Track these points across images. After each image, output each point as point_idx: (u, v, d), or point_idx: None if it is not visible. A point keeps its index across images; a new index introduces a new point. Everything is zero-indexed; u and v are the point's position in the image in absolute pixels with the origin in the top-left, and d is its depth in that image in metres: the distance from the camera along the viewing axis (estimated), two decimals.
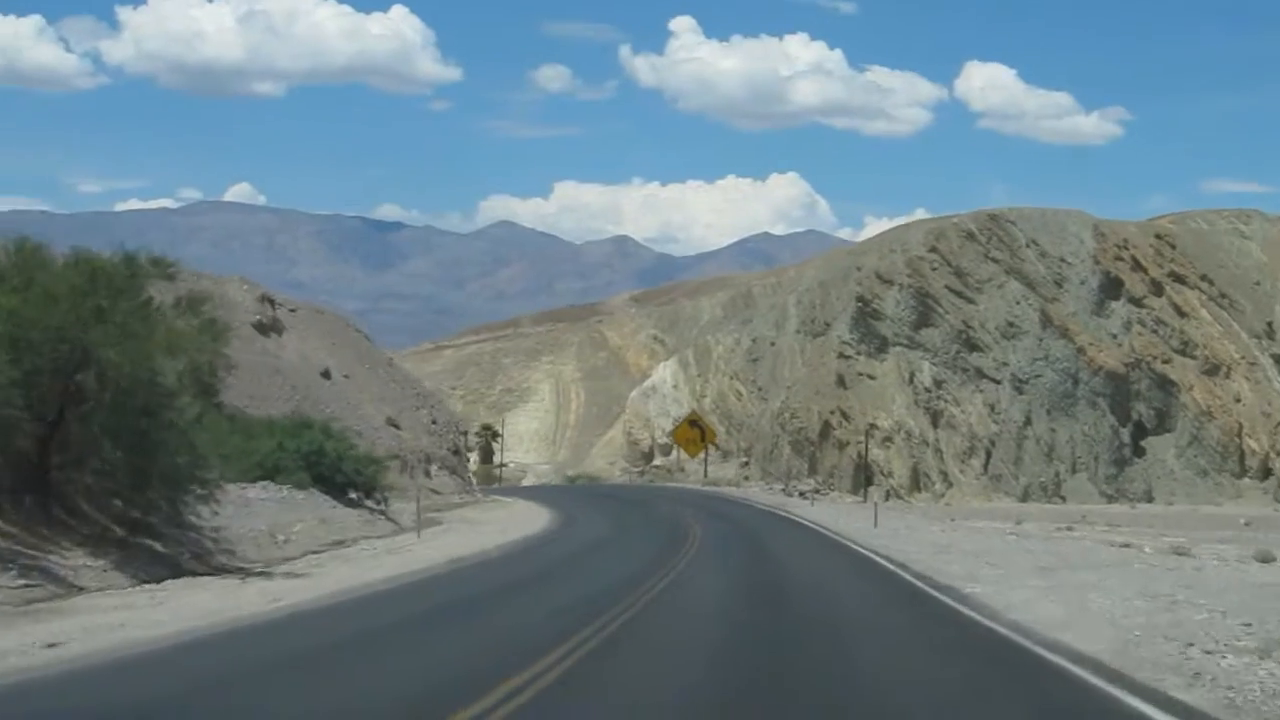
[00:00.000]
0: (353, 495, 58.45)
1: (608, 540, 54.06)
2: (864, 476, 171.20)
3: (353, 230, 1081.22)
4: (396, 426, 76.34)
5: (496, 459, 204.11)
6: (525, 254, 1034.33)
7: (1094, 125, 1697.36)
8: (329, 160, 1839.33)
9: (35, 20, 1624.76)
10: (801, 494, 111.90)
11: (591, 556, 45.74)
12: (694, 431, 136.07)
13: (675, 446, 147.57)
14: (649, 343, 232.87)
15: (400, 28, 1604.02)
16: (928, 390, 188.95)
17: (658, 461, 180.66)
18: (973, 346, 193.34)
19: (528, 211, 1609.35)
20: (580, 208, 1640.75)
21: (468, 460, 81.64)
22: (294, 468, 54.65)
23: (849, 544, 53.55)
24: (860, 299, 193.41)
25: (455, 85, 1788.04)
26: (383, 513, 60.25)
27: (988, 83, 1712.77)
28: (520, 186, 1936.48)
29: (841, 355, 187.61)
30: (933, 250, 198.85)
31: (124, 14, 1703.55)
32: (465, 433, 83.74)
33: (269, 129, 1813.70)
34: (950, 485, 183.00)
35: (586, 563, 43.28)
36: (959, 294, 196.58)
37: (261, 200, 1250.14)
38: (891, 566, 41.79)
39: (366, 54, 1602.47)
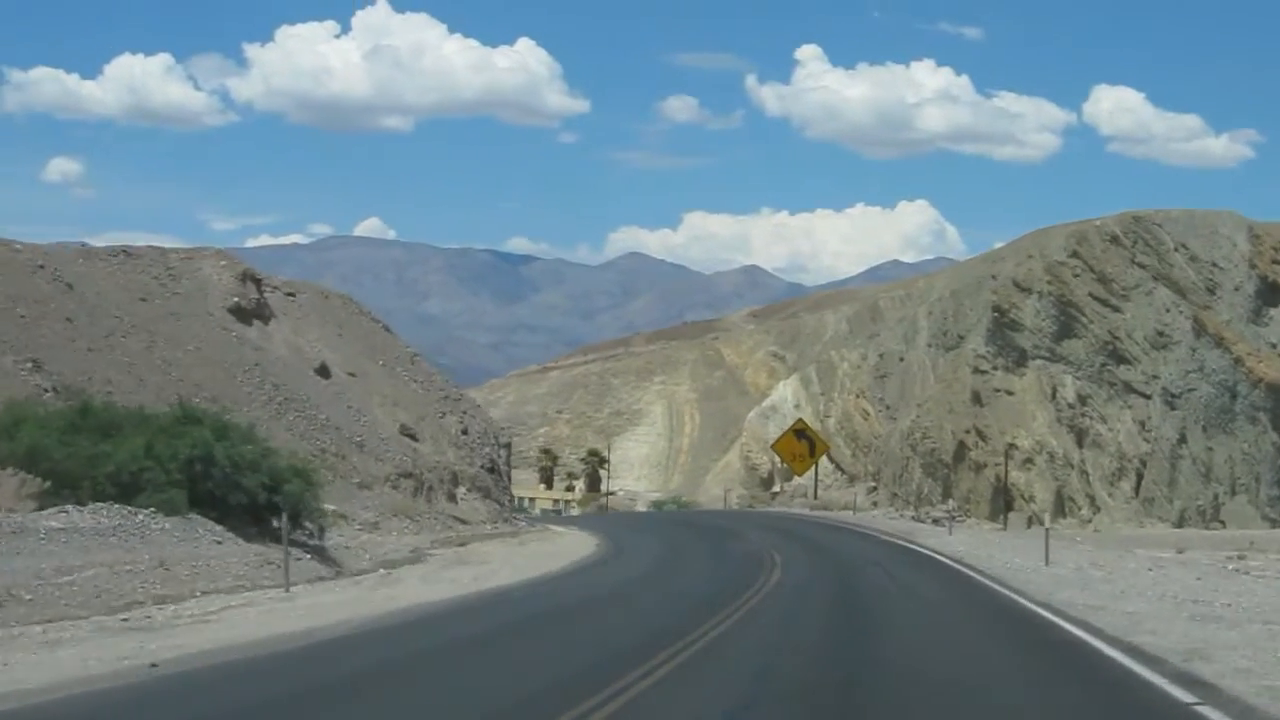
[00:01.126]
0: (277, 523, 39.85)
1: (629, 591, 38.84)
2: (1003, 501, 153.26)
3: (483, 263, 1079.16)
4: (413, 437, 59.34)
5: (605, 487, 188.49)
6: (655, 285, 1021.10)
7: (1224, 147, 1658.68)
8: (458, 194, 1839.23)
9: (164, 59, 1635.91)
10: (935, 520, 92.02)
11: (564, 624, 30.07)
12: (800, 444, 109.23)
13: (781, 463, 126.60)
14: (768, 360, 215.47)
15: (527, 60, 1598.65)
16: (1071, 406, 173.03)
17: (777, 487, 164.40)
18: (1120, 358, 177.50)
19: (657, 242, 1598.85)
20: (709, 238, 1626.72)
21: (505, 480, 63.33)
22: (164, 482, 37.18)
23: (1029, 604, 34.02)
24: (996, 309, 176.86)
25: (583, 117, 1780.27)
26: (317, 549, 42.25)
27: (1116, 106, 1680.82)
28: (649, 217, 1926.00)
29: (977, 370, 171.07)
30: (1074, 255, 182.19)
31: (251, 51, 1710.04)
32: (507, 445, 65.68)
33: (398, 163, 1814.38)
34: (1097, 510, 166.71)
35: (549, 634, 27.82)
36: (1103, 302, 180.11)
37: (391, 234, 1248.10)
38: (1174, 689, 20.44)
39: (494, 87, 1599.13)
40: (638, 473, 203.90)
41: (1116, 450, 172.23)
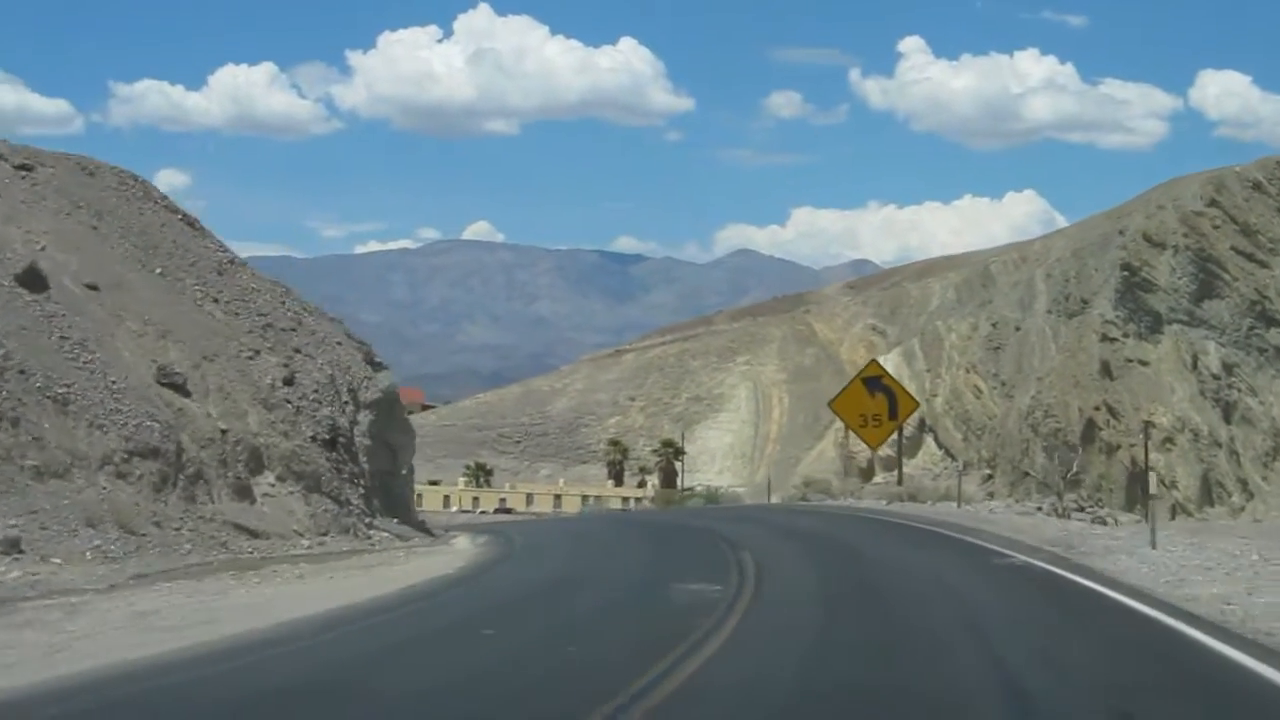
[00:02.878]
0: None
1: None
2: (1141, 488, 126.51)
3: (592, 264, 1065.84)
4: (178, 388, 33.32)
5: (681, 481, 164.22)
6: (764, 281, 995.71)
7: None
8: (565, 195, 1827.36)
9: (267, 68, 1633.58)
10: (1097, 519, 57.17)
11: None
12: (874, 400, 68.53)
13: (848, 432, 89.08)
14: (866, 334, 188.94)
15: (630, 60, 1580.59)
16: (1216, 377, 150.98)
17: (879, 478, 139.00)
18: (1270, 321, 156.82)
19: (765, 239, 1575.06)
20: (818, 233, 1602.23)
21: (361, 466, 36.59)
22: None
23: None
24: (1125, 268, 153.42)
25: (688, 115, 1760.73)
26: None
27: (1223, 90, 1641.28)
28: (757, 214, 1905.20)
29: (1105, 338, 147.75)
30: (1212, 204, 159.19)
31: (354, 59, 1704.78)
32: (387, 402, 38.57)
33: (504, 166, 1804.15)
34: (1250, 496, 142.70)
35: None
36: (1249, 256, 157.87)
37: (500, 238, 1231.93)
38: None
39: (598, 88, 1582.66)
40: (719, 465, 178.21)
41: (1270, 426, 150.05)
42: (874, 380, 71.25)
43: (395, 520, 41.20)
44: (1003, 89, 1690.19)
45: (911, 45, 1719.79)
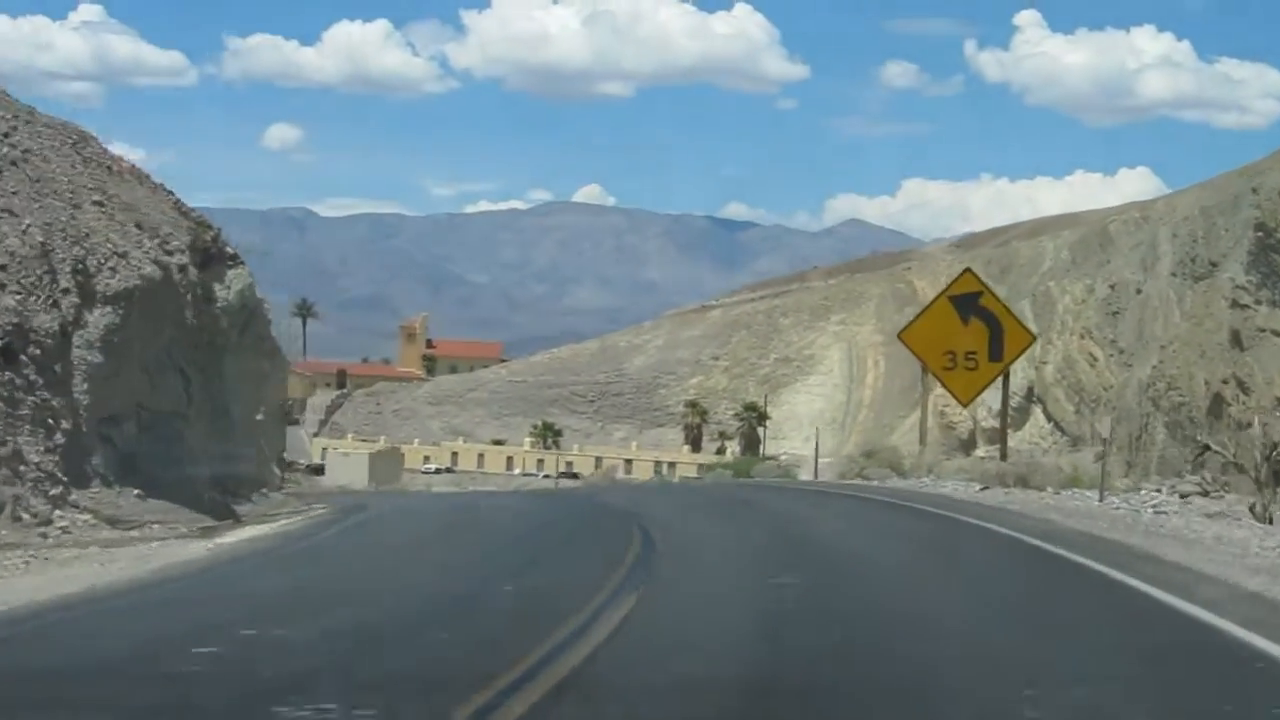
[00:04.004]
0: None
1: None
2: (1274, 471, 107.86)
3: (702, 230, 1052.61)
4: None
5: (763, 449, 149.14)
6: (874, 251, 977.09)
7: None
8: (677, 160, 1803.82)
9: (382, 25, 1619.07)
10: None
11: None
12: (970, 330, 46.40)
13: (927, 373, 58.49)
14: None
15: (745, 26, 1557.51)
16: None
17: (980, 451, 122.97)
18: None
19: (875, 209, 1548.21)
20: (928, 204, 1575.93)
21: (74, 399, 20.43)
22: None
23: None
24: (1260, 228, 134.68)
25: (802, 83, 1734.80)
26: None
27: None
28: (868, 184, 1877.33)
29: (1236, 304, 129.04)
30: None
31: (469, 18, 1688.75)
32: (95, 305, 22.12)
33: (617, 130, 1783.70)
34: None
35: None
36: None
37: (611, 201, 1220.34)
38: None
39: (712, 53, 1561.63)
40: (807, 432, 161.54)
41: None
42: (968, 300, 47.52)
43: (137, 493, 25.10)
44: (1118, 65, 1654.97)
45: (1028, 19, 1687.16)
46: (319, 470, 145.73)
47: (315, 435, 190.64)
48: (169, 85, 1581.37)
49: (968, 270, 53.89)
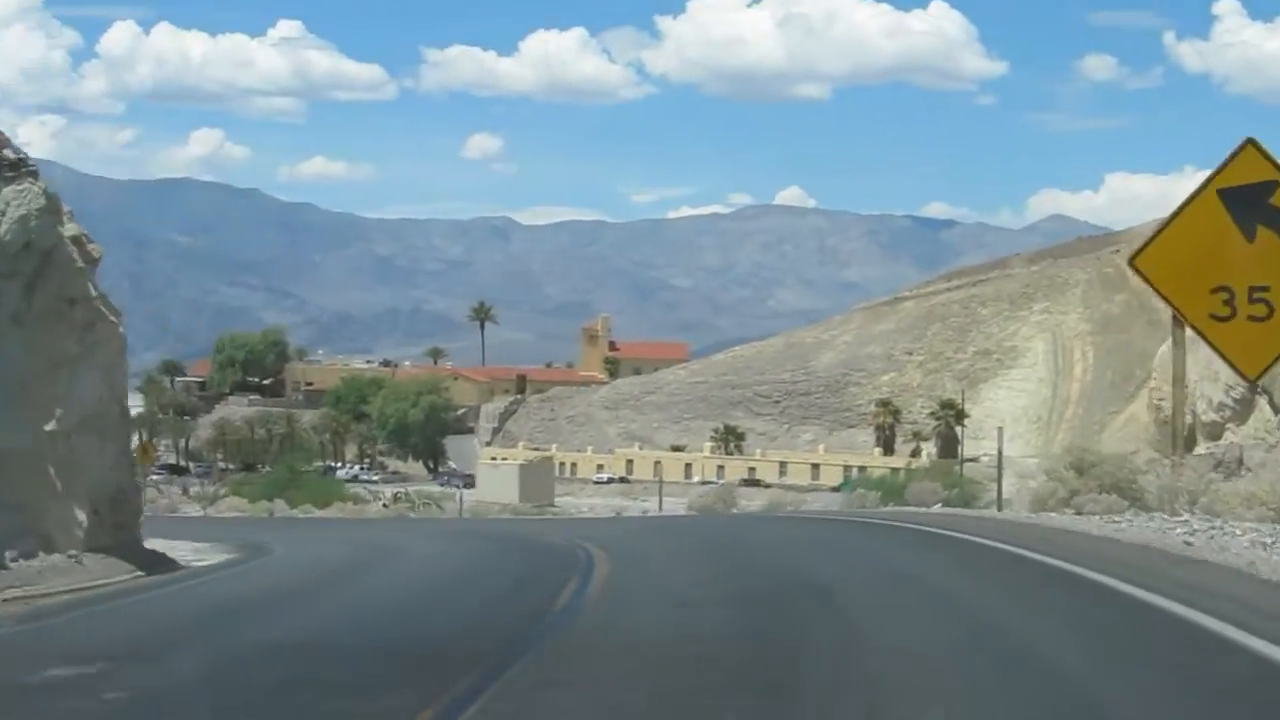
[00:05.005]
0: None
1: None
2: None
3: (903, 229, 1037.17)
4: None
5: (962, 450, 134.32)
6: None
7: None
8: (876, 160, 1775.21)
9: (578, 33, 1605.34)
10: None
11: None
12: (1250, 248, 24.59)
13: (1179, 325, 38.72)
14: None
15: (941, 24, 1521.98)
16: None
17: (1200, 449, 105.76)
18: None
19: (1078, 204, 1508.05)
20: (1132, 198, 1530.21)
21: None
22: None
23: None
24: None
25: (1000, 79, 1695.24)
26: None
27: None
28: (1070, 179, 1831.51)
29: None
30: None
31: (664, 23, 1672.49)
32: None
33: (815, 131, 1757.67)
34: None
35: None
36: None
37: (811, 203, 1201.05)
38: None
39: (909, 52, 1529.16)
40: (1010, 431, 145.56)
41: None
42: (1254, 196, 25.30)
43: None
44: None
45: (1227, 7, 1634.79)
46: (471, 483, 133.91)
47: (487, 444, 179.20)
48: (368, 99, 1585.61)
49: (1249, 142, 25.41)
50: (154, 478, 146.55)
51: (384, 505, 70.79)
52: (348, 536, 43.11)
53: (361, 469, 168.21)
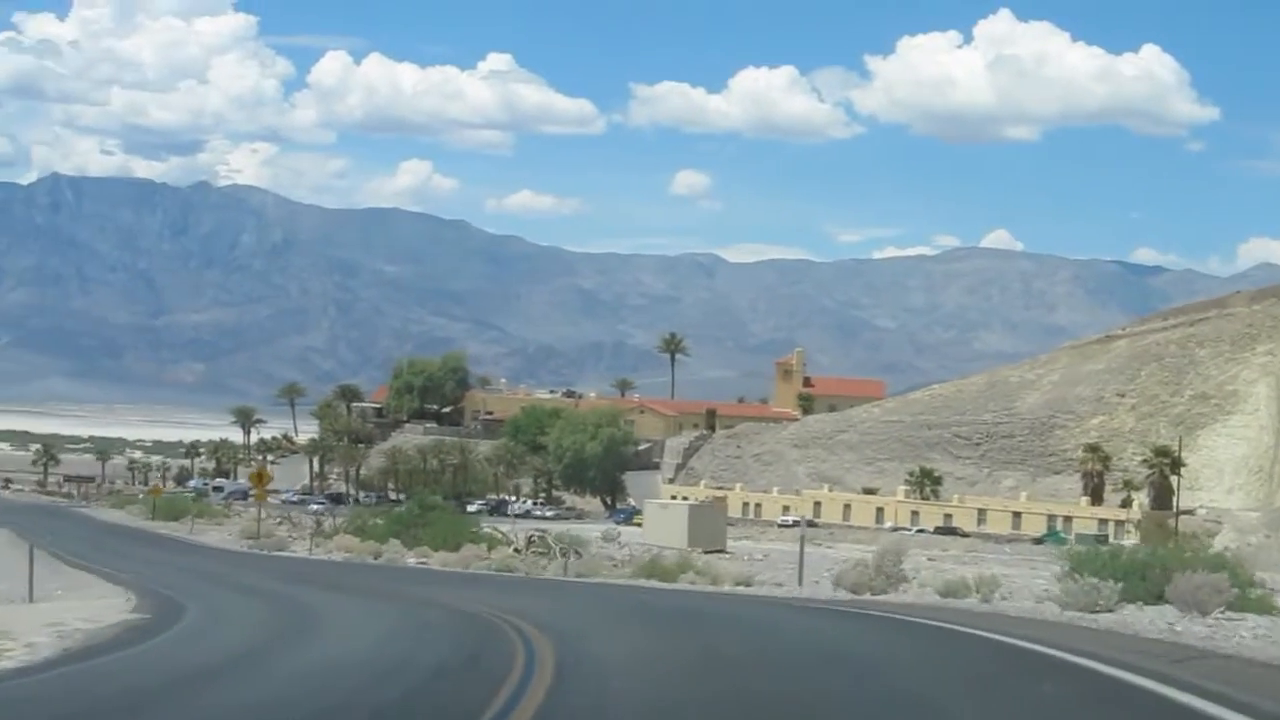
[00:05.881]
0: None
1: None
2: None
3: (1111, 274, 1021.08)
4: None
5: (1177, 501, 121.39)
6: None
7: None
8: (1084, 204, 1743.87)
9: (787, 71, 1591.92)
10: None
11: None
12: None
13: None
14: None
15: (1152, 67, 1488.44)
16: None
17: None
18: None
19: None
20: None
21: None
22: None
23: None
24: None
25: (1212, 125, 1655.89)
26: None
27: None
28: None
29: None
30: None
31: (873, 63, 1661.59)
32: None
33: (1023, 174, 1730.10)
34: None
35: None
36: None
37: (1019, 246, 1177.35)
38: None
39: (1120, 95, 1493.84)
40: (1229, 482, 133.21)
41: None
42: None
43: None
44: None
45: None
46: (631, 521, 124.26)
47: (669, 480, 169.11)
48: (577, 133, 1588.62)
49: None
50: (313, 506, 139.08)
51: (515, 550, 60.58)
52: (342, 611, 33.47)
53: (535, 504, 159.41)
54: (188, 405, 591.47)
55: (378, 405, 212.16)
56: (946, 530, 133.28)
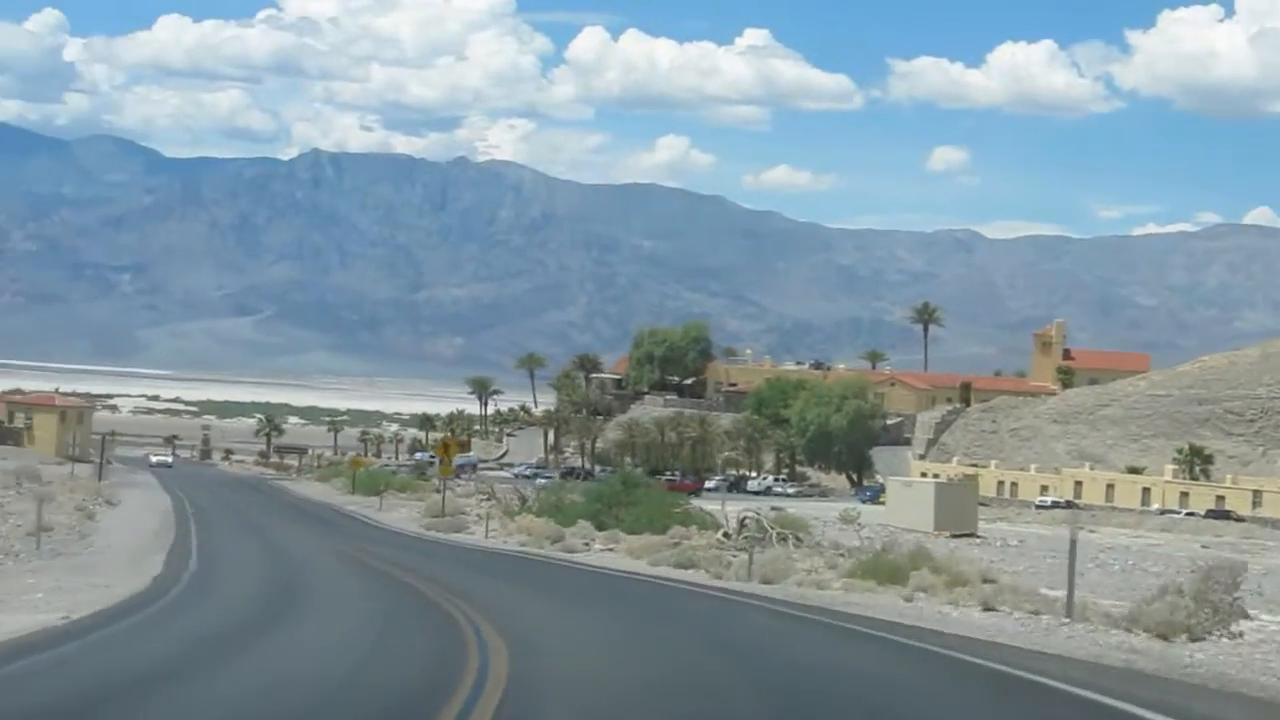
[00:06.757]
0: None
1: None
2: None
3: None
4: None
5: None
6: None
7: None
8: None
9: (1046, 46, 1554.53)
10: None
11: None
12: None
13: None
14: None
15: None
16: None
17: None
18: None
19: None
20: None
21: None
22: None
23: None
24: None
25: None
26: None
27: None
28: None
29: None
30: None
31: (1133, 37, 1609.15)
32: None
33: None
34: None
35: None
36: None
37: None
38: None
39: None
40: None
41: None
42: None
43: None
44: None
45: None
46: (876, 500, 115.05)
47: (920, 456, 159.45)
48: (834, 108, 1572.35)
49: None
50: (540, 480, 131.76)
51: (723, 536, 52.09)
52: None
53: (777, 480, 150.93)
54: (447, 379, 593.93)
55: (617, 376, 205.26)
56: (1219, 514, 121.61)
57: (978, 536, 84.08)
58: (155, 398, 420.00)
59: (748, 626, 27.95)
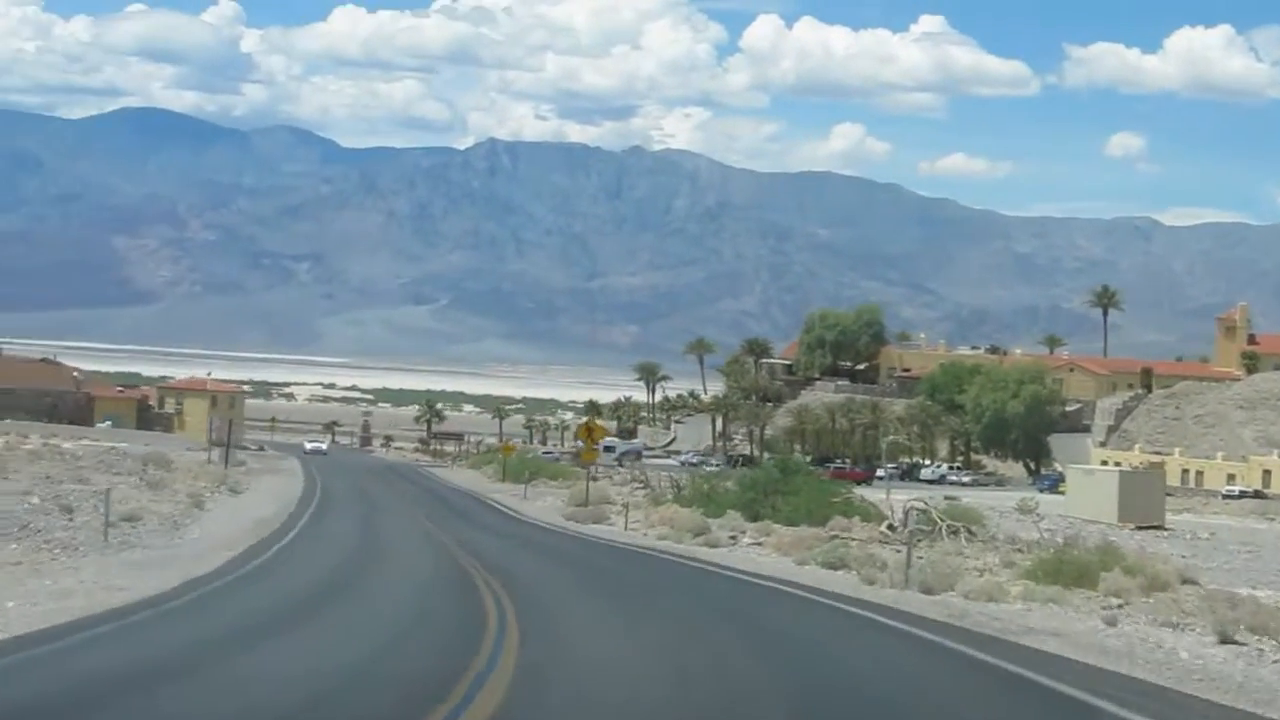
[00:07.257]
0: None
1: None
2: None
3: None
4: None
5: None
6: None
7: None
8: None
9: (1224, 30, 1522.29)
10: None
11: None
12: None
13: None
14: None
15: None
16: None
17: None
18: None
19: None
20: None
21: None
22: None
23: None
24: None
25: None
26: None
27: None
28: None
29: None
30: None
31: None
32: None
33: None
34: None
35: None
36: None
37: None
38: None
39: None
40: None
41: None
42: None
43: None
44: None
45: None
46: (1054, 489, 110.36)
47: (1101, 444, 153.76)
48: (1010, 94, 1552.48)
49: None
50: (707, 468, 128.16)
51: (887, 528, 48.11)
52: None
53: (951, 468, 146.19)
54: (621, 367, 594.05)
55: (788, 362, 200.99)
56: None
57: (1165, 529, 79.43)
58: (332, 385, 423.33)
59: (876, 676, 19.47)
